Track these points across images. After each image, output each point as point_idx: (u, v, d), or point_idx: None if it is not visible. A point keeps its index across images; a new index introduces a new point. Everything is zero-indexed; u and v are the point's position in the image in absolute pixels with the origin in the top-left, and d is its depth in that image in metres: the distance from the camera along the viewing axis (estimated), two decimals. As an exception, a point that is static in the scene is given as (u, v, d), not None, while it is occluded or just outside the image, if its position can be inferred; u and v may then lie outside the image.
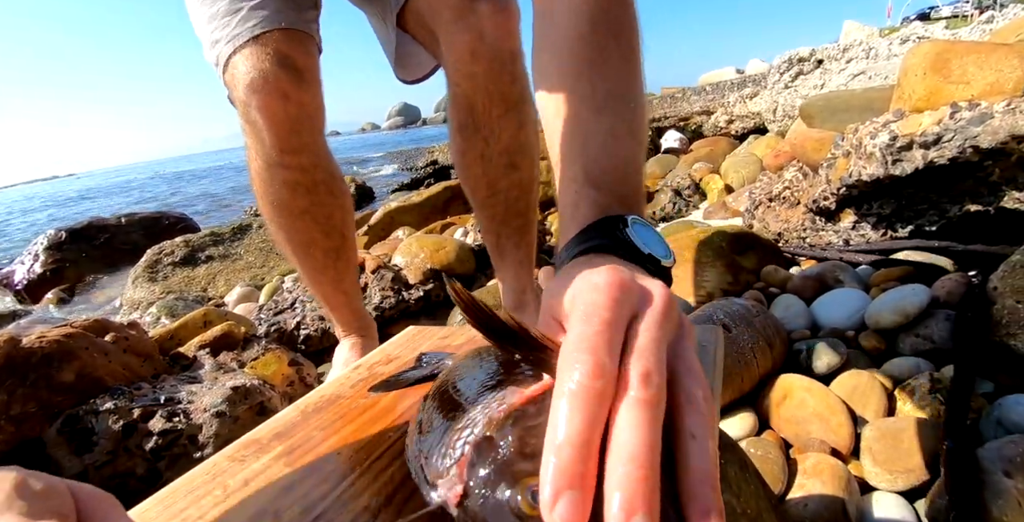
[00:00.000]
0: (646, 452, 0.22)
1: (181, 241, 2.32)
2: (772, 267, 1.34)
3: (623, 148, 0.47)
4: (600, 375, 0.24)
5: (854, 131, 1.50)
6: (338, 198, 0.92)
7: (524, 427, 0.25)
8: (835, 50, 3.56)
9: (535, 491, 0.22)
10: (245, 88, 0.75)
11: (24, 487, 0.22)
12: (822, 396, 0.88)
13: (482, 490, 0.23)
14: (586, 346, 0.25)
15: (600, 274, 0.29)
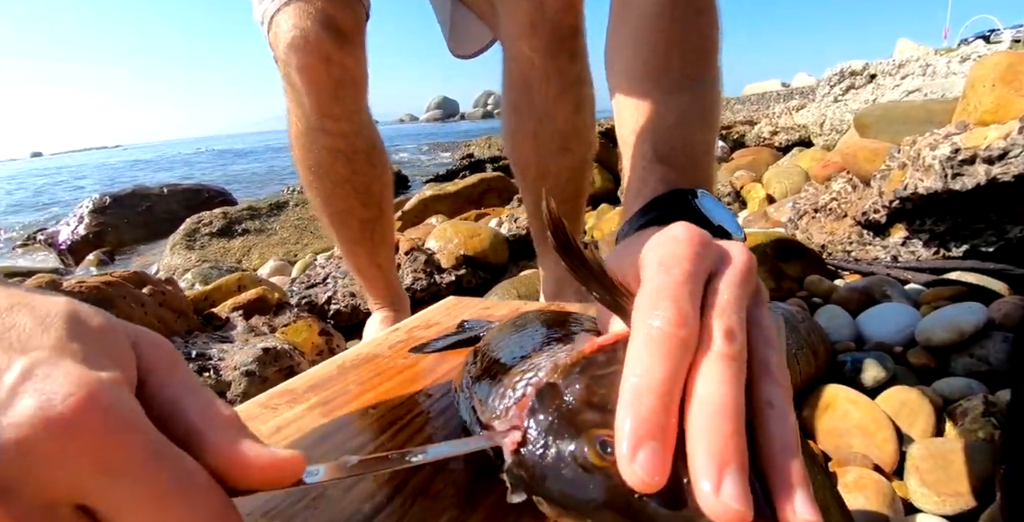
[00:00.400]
0: (733, 407, 0.21)
1: (220, 213, 2.36)
2: (816, 277, 1.29)
3: (695, 129, 0.46)
4: (684, 323, 0.22)
5: (912, 142, 1.44)
6: (378, 169, 0.90)
7: (592, 376, 0.23)
8: (890, 65, 3.45)
9: (604, 441, 0.21)
10: (286, 47, 0.73)
11: (78, 325, 0.19)
12: (867, 409, 0.83)
13: (544, 438, 0.22)
14: (668, 294, 0.23)
15: (679, 228, 0.27)
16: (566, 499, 0.21)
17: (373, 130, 0.90)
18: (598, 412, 0.22)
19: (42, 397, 0.16)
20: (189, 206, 3.62)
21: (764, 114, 4.36)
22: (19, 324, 0.18)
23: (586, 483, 0.21)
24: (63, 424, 0.16)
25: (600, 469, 0.21)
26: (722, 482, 0.19)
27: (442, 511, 0.24)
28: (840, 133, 3.27)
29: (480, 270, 1.54)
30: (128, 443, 0.17)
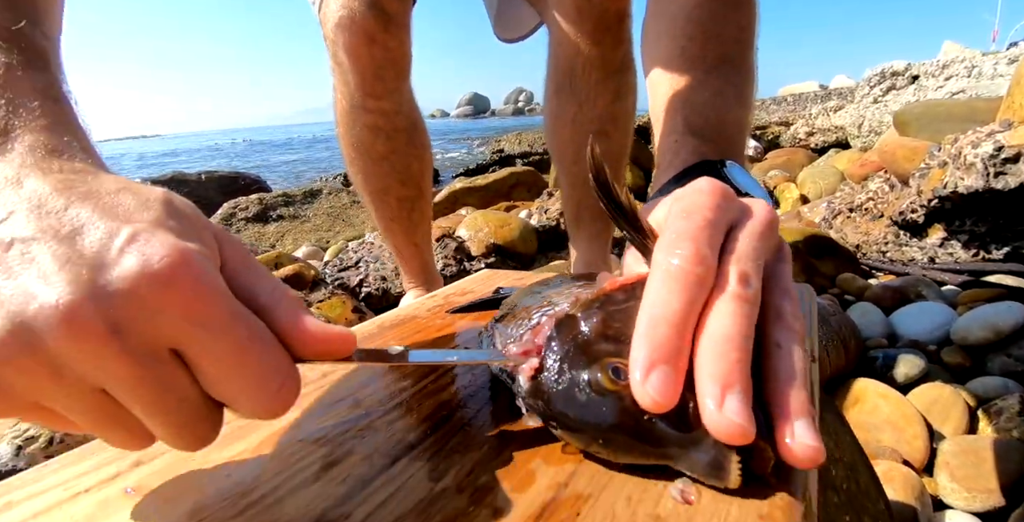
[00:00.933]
0: (741, 339, 0.22)
1: (256, 199, 2.42)
2: (849, 274, 1.27)
3: (728, 107, 0.46)
4: (700, 262, 0.23)
5: (954, 140, 1.41)
6: (418, 149, 0.92)
7: (609, 310, 0.25)
8: (933, 66, 3.35)
9: (616, 368, 0.22)
10: (333, 26, 0.76)
11: (174, 208, 0.22)
12: (898, 405, 0.82)
13: (559, 365, 0.23)
14: (687, 236, 0.24)
15: (703, 181, 0.28)
16: (579, 422, 0.22)
17: (415, 110, 0.92)
18: (612, 343, 0.23)
19: (143, 257, 0.19)
20: (225, 192, 3.71)
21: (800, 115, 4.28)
22: (125, 202, 0.21)
23: (598, 406, 0.22)
24: (160, 279, 0.19)
25: (612, 393, 0.22)
26: (725, 400, 0.20)
27: (483, 442, 0.25)
28: (879, 135, 3.19)
29: (509, 259, 1.55)
30: (212, 301, 0.20)
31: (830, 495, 0.24)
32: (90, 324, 0.18)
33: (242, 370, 0.20)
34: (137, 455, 0.28)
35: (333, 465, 0.25)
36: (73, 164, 0.22)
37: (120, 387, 0.19)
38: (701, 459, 0.21)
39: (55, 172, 0.21)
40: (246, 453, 0.27)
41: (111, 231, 0.20)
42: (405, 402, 0.30)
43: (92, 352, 0.19)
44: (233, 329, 0.20)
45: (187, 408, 0.21)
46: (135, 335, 0.19)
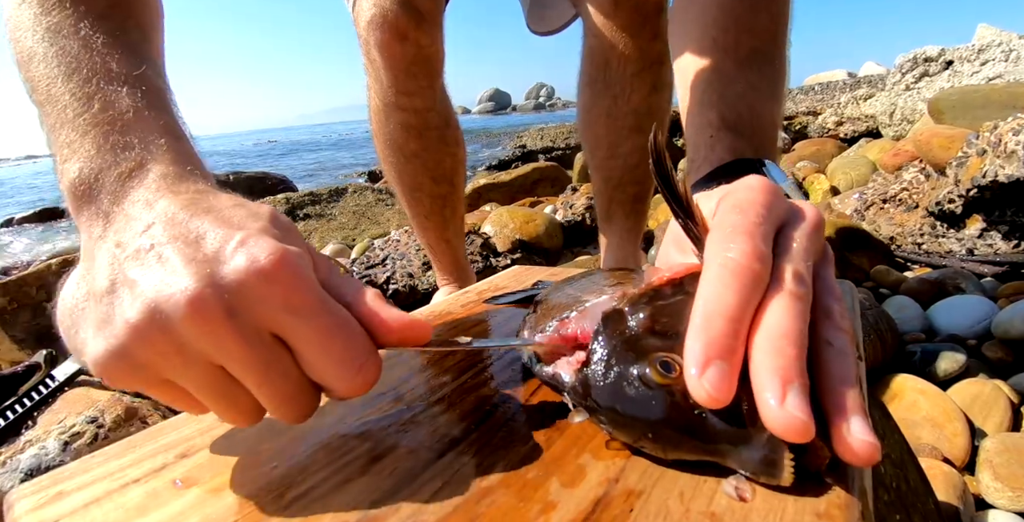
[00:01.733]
0: (798, 335, 0.22)
1: (282, 198, 2.45)
2: (884, 267, 1.24)
3: (763, 102, 0.45)
4: (759, 258, 0.23)
5: (993, 127, 1.36)
6: (450, 146, 0.92)
7: (658, 305, 0.24)
8: (968, 51, 3.24)
9: (665, 362, 0.22)
10: (366, 24, 0.76)
11: (276, 219, 0.26)
12: (938, 401, 0.80)
13: (607, 358, 0.23)
14: (743, 230, 0.24)
15: (753, 178, 0.28)
16: (628, 416, 0.22)
17: (448, 107, 0.92)
18: (661, 338, 0.23)
19: (251, 255, 0.23)
20: (253, 192, 3.77)
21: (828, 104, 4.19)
22: (238, 214, 0.26)
23: (648, 400, 0.22)
24: (264, 273, 0.23)
25: (662, 387, 0.22)
26: (787, 395, 0.20)
27: (528, 437, 0.25)
28: (912, 123, 3.10)
29: (535, 255, 1.55)
30: (306, 292, 0.23)
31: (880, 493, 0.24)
32: (210, 309, 0.22)
33: (330, 351, 0.23)
34: (183, 448, 0.28)
35: (379, 459, 0.25)
36: (196, 186, 0.27)
37: (233, 363, 0.23)
38: (754, 456, 0.20)
39: (182, 193, 0.26)
40: (293, 445, 0.27)
41: (226, 236, 0.24)
42: (447, 397, 0.30)
43: (211, 332, 0.22)
44: (322, 316, 0.23)
45: (288, 384, 0.24)
46: (245, 319, 0.23)
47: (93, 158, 0.28)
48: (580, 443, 0.24)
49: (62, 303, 0.26)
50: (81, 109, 0.29)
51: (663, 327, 0.24)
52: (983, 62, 3.17)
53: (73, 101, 0.30)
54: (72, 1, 0.33)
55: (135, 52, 0.33)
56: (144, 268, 0.24)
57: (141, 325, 0.22)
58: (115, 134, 0.28)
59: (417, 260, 1.42)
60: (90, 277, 0.25)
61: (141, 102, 0.30)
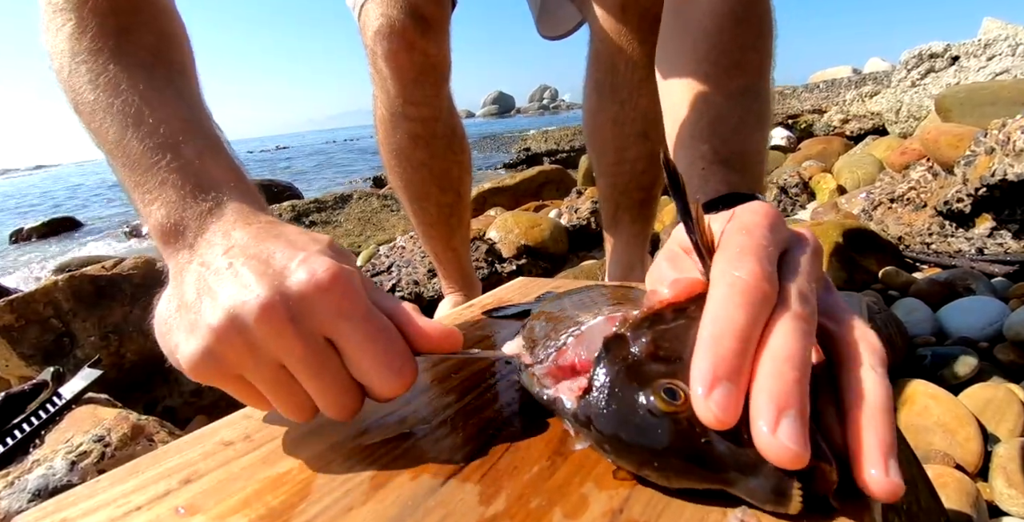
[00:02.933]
0: (801, 358, 0.21)
1: (288, 206, 2.46)
2: (893, 268, 1.23)
3: (752, 137, 0.46)
4: (767, 278, 0.23)
5: (1001, 125, 1.35)
6: (457, 155, 0.93)
7: (660, 329, 0.24)
8: (975, 46, 3.21)
9: (669, 388, 0.22)
10: (373, 34, 0.76)
11: (333, 244, 0.31)
12: (949, 406, 0.79)
13: (610, 385, 0.23)
14: (751, 251, 0.24)
15: (757, 204, 0.29)
16: (631, 444, 0.22)
17: (454, 117, 0.92)
18: (664, 363, 0.23)
19: (311, 270, 0.28)
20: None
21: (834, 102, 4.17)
22: (301, 240, 0.31)
23: (652, 428, 0.21)
24: (322, 285, 0.27)
25: (667, 415, 0.21)
26: (780, 423, 0.20)
27: (533, 462, 0.25)
28: (918, 120, 3.08)
29: (541, 260, 1.55)
30: (355, 301, 0.28)
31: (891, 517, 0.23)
32: (277, 314, 0.27)
33: (374, 353, 0.27)
34: (187, 473, 0.28)
35: (382, 486, 0.25)
36: (264, 218, 0.33)
37: (294, 362, 0.27)
38: (761, 485, 0.20)
39: (253, 224, 0.32)
40: (295, 471, 0.27)
41: (291, 255, 0.29)
42: (450, 420, 0.30)
43: (277, 334, 0.27)
44: (368, 322, 0.28)
45: (337, 383, 0.28)
46: (305, 323, 0.27)
47: (175, 203, 0.33)
48: (584, 470, 0.24)
49: (157, 316, 0.32)
50: (154, 160, 0.35)
51: (667, 352, 0.23)
52: (990, 57, 3.14)
53: (146, 152, 0.35)
54: (121, 54, 0.38)
55: (184, 97, 0.39)
56: (223, 282, 0.28)
57: (221, 328, 0.27)
58: (190, 181, 0.34)
59: (422, 267, 1.42)
60: (179, 293, 0.30)
61: (204, 147, 0.36)
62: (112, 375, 0.74)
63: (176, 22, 0.44)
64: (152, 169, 0.34)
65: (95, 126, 0.37)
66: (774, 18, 0.51)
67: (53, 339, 0.77)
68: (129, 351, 0.77)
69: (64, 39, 0.38)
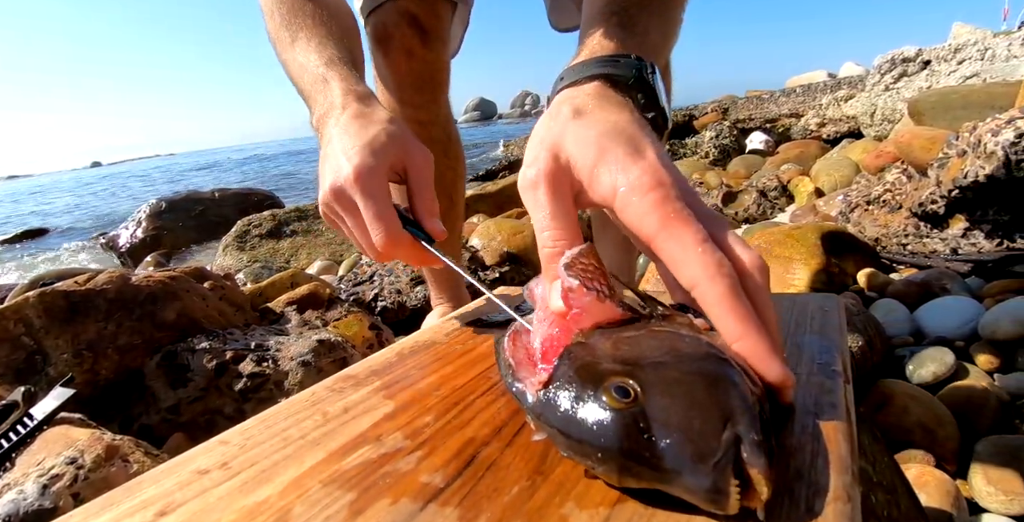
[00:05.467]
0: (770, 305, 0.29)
1: (268, 215, 2.43)
2: (871, 270, 1.25)
3: (655, 26, 0.45)
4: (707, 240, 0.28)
5: (972, 128, 1.38)
6: (452, 160, 0.94)
7: (618, 336, 0.26)
8: (945, 51, 3.29)
9: (620, 386, 0.23)
10: (376, 42, 0.80)
11: (375, 142, 0.49)
12: (928, 405, 0.81)
13: (566, 381, 0.24)
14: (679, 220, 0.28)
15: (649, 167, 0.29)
16: (579, 438, 0.23)
17: (450, 122, 0.94)
18: (620, 364, 0.24)
19: (345, 171, 0.46)
20: (239, 209, 3.75)
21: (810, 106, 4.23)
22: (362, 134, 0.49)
23: (600, 424, 0.22)
24: (348, 181, 0.45)
25: (615, 411, 0.22)
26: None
27: (513, 482, 0.25)
28: (892, 123, 3.14)
29: (524, 267, 1.55)
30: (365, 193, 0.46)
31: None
32: (331, 196, 0.47)
33: (367, 223, 0.45)
34: (161, 504, 0.27)
35: (360, 512, 0.24)
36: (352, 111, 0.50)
37: (342, 215, 0.48)
38: (700, 483, 0.20)
39: (341, 122, 0.50)
40: (272, 498, 0.27)
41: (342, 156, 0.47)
42: (429, 440, 0.29)
43: (335, 202, 0.47)
44: (367, 208, 0.45)
45: (358, 230, 0.47)
46: (343, 201, 0.46)
47: (317, 107, 0.53)
48: (564, 490, 0.24)
49: (320, 169, 0.49)
50: (311, 89, 0.54)
51: (623, 355, 0.25)
52: (960, 61, 3.21)
53: (309, 84, 0.55)
54: (304, 29, 0.58)
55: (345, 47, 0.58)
56: (323, 165, 0.48)
57: (324, 195, 0.47)
58: (322, 95, 0.53)
59: (405, 276, 1.41)
60: (321, 163, 0.49)
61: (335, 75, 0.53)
62: (86, 393, 0.73)
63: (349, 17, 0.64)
64: (311, 92, 0.54)
65: (289, 72, 0.58)
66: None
67: (24, 357, 0.75)
68: (104, 368, 0.75)
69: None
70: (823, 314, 0.38)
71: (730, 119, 4.32)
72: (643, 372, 0.23)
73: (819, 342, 0.34)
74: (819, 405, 0.27)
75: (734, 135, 3.88)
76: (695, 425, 0.21)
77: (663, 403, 0.22)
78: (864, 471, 0.32)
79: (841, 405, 0.27)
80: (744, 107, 4.49)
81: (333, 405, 0.35)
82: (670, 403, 0.22)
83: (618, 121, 0.32)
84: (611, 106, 0.34)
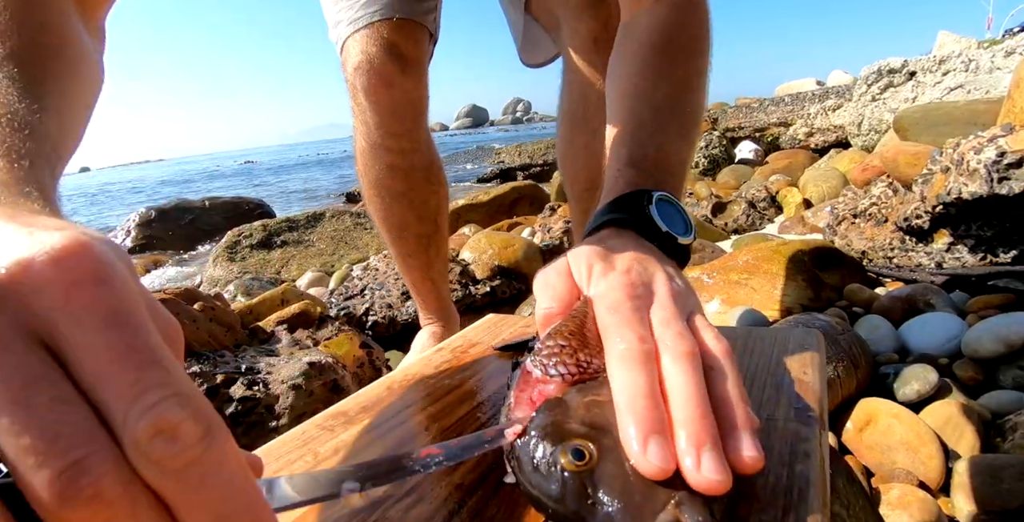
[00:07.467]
0: (698, 392, 0.26)
1: (259, 225, 2.43)
2: (857, 285, 1.27)
3: (671, 143, 0.49)
4: (644, 340, 0.28)
5: (955, 146, 1.40)
6: (434, 185, 0.95)
7: (591, 398, 0.27)
8: (930, 62, 3.34)
9: (577, 449, 0.24)
10: (353, 70, 0.80)
11: None
12: (911, 424, 0.82)
13: (536, 436, 0.26)
14: (622, 324, 0.29)
15: (614, 279, 0.33)
16: (536, 491, 0.24)
17: (432, 149, 0.95)
18: (586, 427, 0.26)
19: None
20: (229, 218, 3.74)
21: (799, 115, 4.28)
22: None
23: (553, 481, 0.24)
24: None
25: (568, 472, 0.24)
26: (701, 460, 0.23)
27: (498, 535, 0.25)
28: (879, 133, 3.18)
29: (514, 280, 1.56)
30: None
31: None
32: None
33: None
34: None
35: (349, 564, 0.25)
36: None
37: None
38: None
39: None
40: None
41: None
42: (418, 486, 0.30)
43: None
44: None
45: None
46: None
47: None
48: (549, 542, 0.25)
49: None
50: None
51: (592, 417, 0.26)
52: (944, 72, 3.27)
53: None
54: None
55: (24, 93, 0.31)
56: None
57: None
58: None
59: (396, 290, 1.41)
60: None
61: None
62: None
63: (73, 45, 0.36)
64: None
65: None
66: (710, 39, 0.55)
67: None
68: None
69: None
70: (802, 352, 0.39)
71: (720, 128, 4.36)
72: (606, 438, 0.25)
73: (798, 384, 0.35)
74: (794, 453, 0.28)
75: (723, 145, 3.92)
76: (635, 499, 0.22)
77: (613, 471, 0.23)
78: (838, 515, 0.33)
79: (815, 454, 0.28)
80: (734, 116, 4.53)
81: (324, 445, 0.36)
82: (620, 472, 0.23)
83: (612, 244, 0.37)
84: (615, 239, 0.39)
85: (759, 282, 1.23)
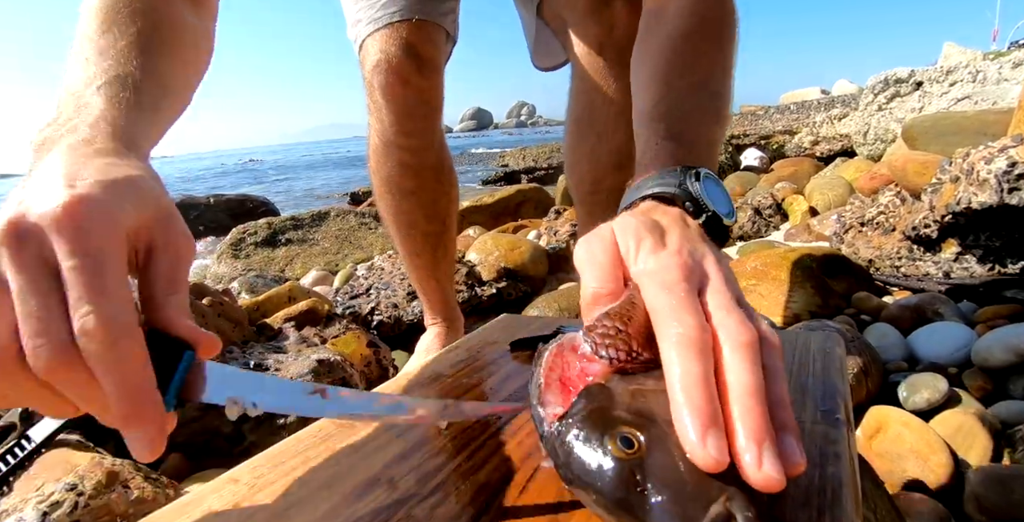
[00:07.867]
0: (757, 386, 0.25)
1: (264, 223, 2.43)
2: (865, 293, 1.26)
3: (706, 121, 0.49)
4: (703, 328, 0.27)
5: (965, 155, 1.40)
6: (444, 185, 0.95)
7: (636, 385, 0.26)
8: (937, 72, 3.34)
9: (625, 437, 0.24)
10: (371, 68, 0.81)
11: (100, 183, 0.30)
12: (921, 433, 0.81)
13: (580, 420, 0.25)
14: (680, 307, 0.27)
15: (665, 256, 0.31)
16: (580, 478, 0.24)
17: (444, 150, 0.95)
18: (633, 414, 0.25)
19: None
20: (234, 215, 3.74)
21: (804, 123, 4.29)
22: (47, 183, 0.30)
23: (601, 469, 0.23)
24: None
25: (617, 460, 0.23)
26: (763, 457, 0.23)
27: (527, 533, 0.25)
28: (885, 143, 3.18)
29: (520, 282, 1.55)
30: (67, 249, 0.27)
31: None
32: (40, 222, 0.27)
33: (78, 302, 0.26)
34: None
35: (375, 562, 0.25)
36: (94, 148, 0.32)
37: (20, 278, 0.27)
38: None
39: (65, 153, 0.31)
40: (285, 544, 0.27)
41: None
42: (442, 484, 0.29)
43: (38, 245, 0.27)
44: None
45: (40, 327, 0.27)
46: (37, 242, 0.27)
47: (48, 128, 0.35)
48: (579, 541, 0.24)
49: None
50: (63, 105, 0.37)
51: (638, 406, 0.25)
52: (951, 83, 3.26)
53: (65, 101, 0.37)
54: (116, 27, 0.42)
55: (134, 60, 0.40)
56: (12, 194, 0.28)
57: None
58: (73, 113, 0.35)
59: (402, 289, 1.41)
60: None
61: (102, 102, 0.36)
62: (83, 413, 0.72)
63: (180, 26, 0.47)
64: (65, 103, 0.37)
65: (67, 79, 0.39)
66: (736, 26, 0.56)
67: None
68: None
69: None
70: (824, 355, 0.39)
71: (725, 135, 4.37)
72: (654, 427, 0.24)
73: (822, 387, 0.34)
74: (824, 455, 0.28)
75: (729, 152, 3.92)
76: (687, 490, 0.22)
77: (663, 461, 0.23)
78: (865, 519, 0.32)
79: (845, 456, 0.28)
80: (739, 123, 4.54)
81: (343, 442, 0.36)
82: (670, 463, 0.23)
83: (659, 219, 0.36)
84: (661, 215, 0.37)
85: (767, 288, 1.22)
